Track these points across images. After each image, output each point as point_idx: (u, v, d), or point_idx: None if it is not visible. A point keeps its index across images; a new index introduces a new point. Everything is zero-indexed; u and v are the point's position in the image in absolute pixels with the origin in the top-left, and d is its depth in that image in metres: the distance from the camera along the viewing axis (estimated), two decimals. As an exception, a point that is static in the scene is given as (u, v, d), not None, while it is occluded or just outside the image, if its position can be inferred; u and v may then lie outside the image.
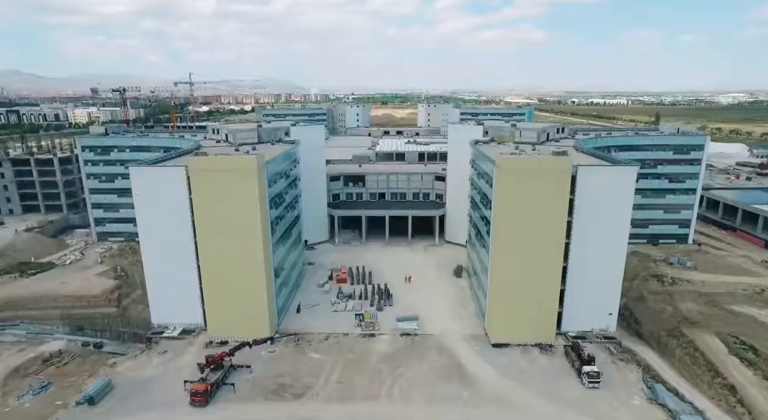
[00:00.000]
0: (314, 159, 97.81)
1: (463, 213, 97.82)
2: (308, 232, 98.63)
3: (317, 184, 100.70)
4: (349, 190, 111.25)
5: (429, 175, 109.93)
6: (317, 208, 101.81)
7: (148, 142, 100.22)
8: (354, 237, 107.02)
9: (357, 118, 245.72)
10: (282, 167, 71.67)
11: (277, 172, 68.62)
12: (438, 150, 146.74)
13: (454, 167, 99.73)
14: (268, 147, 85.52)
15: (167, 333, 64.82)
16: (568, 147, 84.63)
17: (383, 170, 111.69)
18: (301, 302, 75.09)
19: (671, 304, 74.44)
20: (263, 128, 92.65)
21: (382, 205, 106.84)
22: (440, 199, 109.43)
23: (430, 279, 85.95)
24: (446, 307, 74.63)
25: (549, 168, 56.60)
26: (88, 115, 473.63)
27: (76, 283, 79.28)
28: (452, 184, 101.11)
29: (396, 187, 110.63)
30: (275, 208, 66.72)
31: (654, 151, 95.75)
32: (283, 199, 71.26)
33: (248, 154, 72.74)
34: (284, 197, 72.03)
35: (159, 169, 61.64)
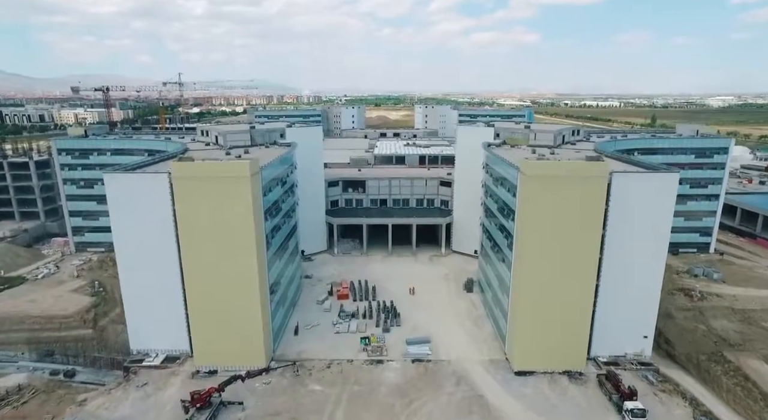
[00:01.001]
0: (311, 163, 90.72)
1: (471, 221, 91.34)
2: (305, 242, 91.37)
3: (315, 190, 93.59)
4: (349, 196, 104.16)
5: (433, 180, 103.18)
6: (314, 216, 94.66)
7: (131, 145, 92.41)
8: (354, 247, 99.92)
9: (352, 119, 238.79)
10: (278, 173, 64.48)
11: (273, 178, 61.43)
12: (440, 153, 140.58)
13: (462, 172, 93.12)
14: (262, 150, 78.28)
15: (148, 361, 57.24)
16: (587, 150, 78.43)
17: (384, 175, 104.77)
18: (299, 322, 67.84)
19: (703, 322, 68.22)
20: (256, 130, 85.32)
21: (384, 213, 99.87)
22: (446, 206, 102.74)
23: (439, 294, 79.07)
24: (459, 328, 67.77)
25: (583, 174, 50.00)
26: (74, 116, 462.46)
27: (47, 301, 71.35)
28: (460, 190, 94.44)
29: (398, 193, 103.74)
30: (271, 218, 59.52)
31: (674, 154, 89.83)
32: (279, 208, 64.05)
33: (240, 158, 65.57)
34: (281, 206, 64.83)
35: (138, 177, 54.17)
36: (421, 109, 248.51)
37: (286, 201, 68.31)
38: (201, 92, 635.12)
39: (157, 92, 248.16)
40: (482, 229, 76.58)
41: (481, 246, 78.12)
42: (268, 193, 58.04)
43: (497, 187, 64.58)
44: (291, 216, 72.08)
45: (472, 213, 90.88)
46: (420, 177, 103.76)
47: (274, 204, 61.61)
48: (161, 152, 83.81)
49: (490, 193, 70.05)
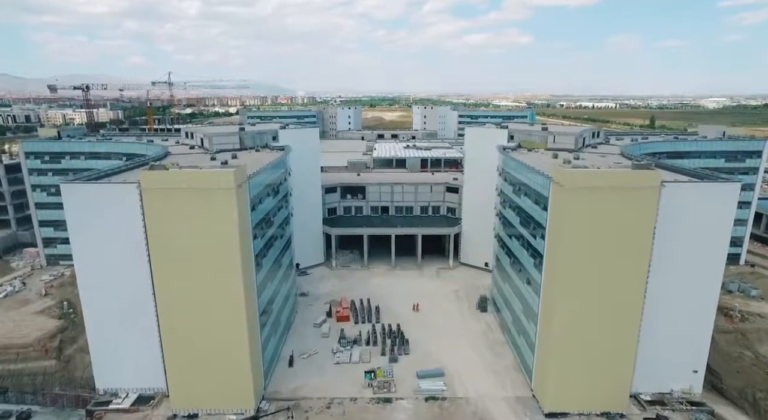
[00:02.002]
0: (307, 168, 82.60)
1: (482, 231, 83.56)
2: (300, 254, 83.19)
3: (311, 197, 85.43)
4: (348, 203, 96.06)
5: (439, 186, 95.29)
6: (311, 226, 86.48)
7: (108, 148, 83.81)
8: (354, 259, 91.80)
9: (349, 120, 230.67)
10: (270, 181, 56.26)
11: (264, 187, 53.23)
12: (442, 155, 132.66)
13: (471, 177, 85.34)
14: (252, 155, 70.20)
15: (116, 403, 48.77)
16: (613, 154, 70.94)
17: (386, 180, 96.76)
18: (294, 351, 59.63)
19: (748, 347, 60.94)
20: (246, 132, 77.10)
21: (386, 222, 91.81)
22: (452, 213, 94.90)
23: (449, 314, 71.15)
24: (476, 356, 59.86)
25: (632, 184, 42.19)
26: (62, 117, 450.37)
27: (5, 325, 62.70)
28: (469, 197, 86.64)
29: (401, 200, 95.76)
30: (261, 235, 51.32)
31: (703, 158, 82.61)
32: (271, 222, 55.82)
33: (225, 164, 57.32)
34: (272, 219, 56.60)
35: (101, 187, 45.73)
36: (419, 110, 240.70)
37: (279, 212, 60.13)
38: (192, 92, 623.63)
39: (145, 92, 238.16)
40: (497, 241, 68.78)
41: (496, 259, 70.31)
42: (257, 206, 49.83)
43: (519, 196, 56.74)
44: (284, 229, 63.91)
45: (482, 222, 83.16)
46: (425, 182, 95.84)
47: (265, 218, 53.40)
48: (141, 156, 75.63)
49: (508, 202, 62.25)
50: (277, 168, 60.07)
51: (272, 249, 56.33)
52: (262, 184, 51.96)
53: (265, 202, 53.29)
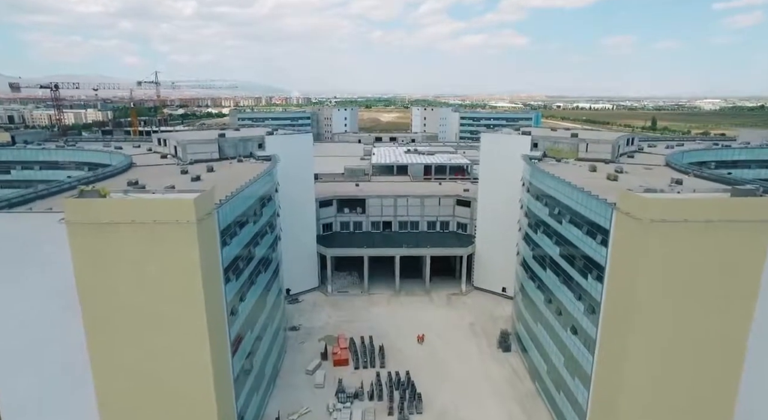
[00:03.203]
0: (299, 179, 71.63)
1: (499, 251, 73.04)
2: (291, 278, 72.35)
3: (303, 213, 74.34)
4: (345, 217, 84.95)
5: (449, 199, 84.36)
6: (303, 245, 75.34)
7: (66, 157, 72.30)
8: (352, 282, 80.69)
9: (345, 122, 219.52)
10: (250, 204, 45.01)
11: (242, 214, 42.02)
12: (447, 162, 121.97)
13: (487, 189, 74.59)
14: (233, 167, 59.17)
15: None
16: (658, 166, 60.44)
17: (389, 192, 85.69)
18: (281, 411, 48.46)
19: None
20: (227, 139, 65.95)
21: (389, 240, 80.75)
22: (463, 230, 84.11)
23: (466, 354, 60.19)
24: (503, 415, 48.92)
25: (735, 217, 31.31)
26: (49, 117, 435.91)
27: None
28: (484, 212, 75.84)
29: (406, 215, 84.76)
30: (237, 275, 40.14)
31: (754, 168, 72.27)
32: (251, 255, 44.59)
33: (197, 180, 46.21)
34: (254, 251, 45.36)
35: (15, 218, 34.36)
36: (419, 112, 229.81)
37: (263, 240, 48.90)
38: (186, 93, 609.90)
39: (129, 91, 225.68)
40: (523, 268, 57.99)
41: (520, 288, 59.52)
42: (231, 239, 38.63)
43: (559, 221, 45.83)
44: (271, 257, 52.68)
45: (500, 241, 72.68)
46: (432, 195, 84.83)
47: (243, 252, 42.17)
48: (104, 166, 64.53)
49: (540, 225, 51.38)
50: (261, 185, 48.83)
51: (254, 288, 45.13)
52: (239, 210, 40.75)
53: (244, 231, 42.08)
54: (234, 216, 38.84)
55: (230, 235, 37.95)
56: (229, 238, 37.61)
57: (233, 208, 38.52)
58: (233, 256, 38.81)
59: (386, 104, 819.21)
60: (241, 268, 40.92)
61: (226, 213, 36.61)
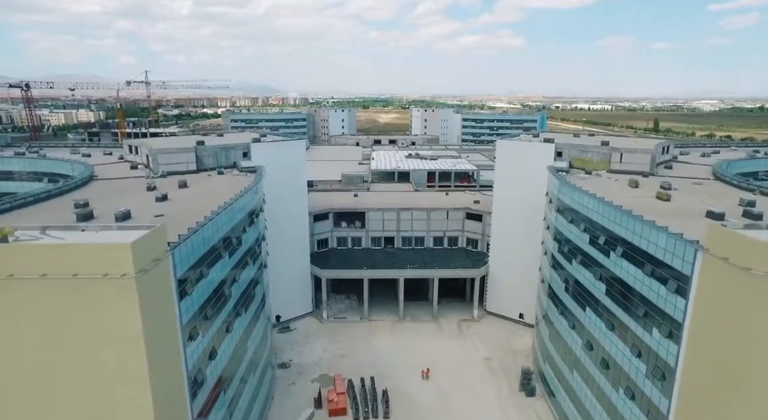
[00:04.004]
0: (290, 191, 63.10)
1: (516, 272, 64.84)
2: (281, 302, 64.08)
3: (295, 229, 65.65)
4: (342, 232, 76.32)
5: (458, 212, 75.87)
6: (295, 265, 66.69)
7: (22, 166, 63.25)
8: (351, 306, 72.03)
9: (342, 124, 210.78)
10: (225, 234, 36.15)
11: (211, 250, 33.15)
12: (452, 168, 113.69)
13: (503, 202, 66.15)
14: (212, 181, 50.59)
15: None
16: (707, 180, 52.05)
17: (391, 204, 77.08)
18: (263, 484, 39.86)
19: None
20: (207, 147, 57.25)
21: (391, 258, 72.22)
22: (473, 246, 75.69)
23: (484, 400, 51.59)
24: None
25: None
26: (38, 118, 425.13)
27: None
28: (500, 228, 67.36)
29: (410, 229, 76.21)
30: (204, 332, 31.34)
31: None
32: (226, 297, 35.76)
33: (164, 200, 37.61)
34: (230, 292, 36.56)
35: None
36: (419, 113, 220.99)
37: (243, 274, 40.14)
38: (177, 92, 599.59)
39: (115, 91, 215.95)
40: (550, 298, 49.46)
41: (546, 321, 50.99)
42: (195, 286, 29.80)
43: (607, 254, 37.24)
44: (254, 292, 43.92)
45: (517, 261, 64.46)
46: (439, 207, 76.31)
47: (216, 295, 33.39)
48: (65, 177, 55.83)
49: (574, 252, 42.89)
50: (241, 208, 40.00)
51: (230, 335, 36.36)
52: (208, 246, 31.95)
53: (215, 270, 33.24)
54: (199, 255, 30.09)
55: (193, 281, 29.17)
56: (191, 285, 28.85)
57: (197, 247, 29.78)
58: (198, 307, 30.05)
59: (384, 104, 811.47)
60: (211, 316, 32.15)
61: (186, 255, 27.89)
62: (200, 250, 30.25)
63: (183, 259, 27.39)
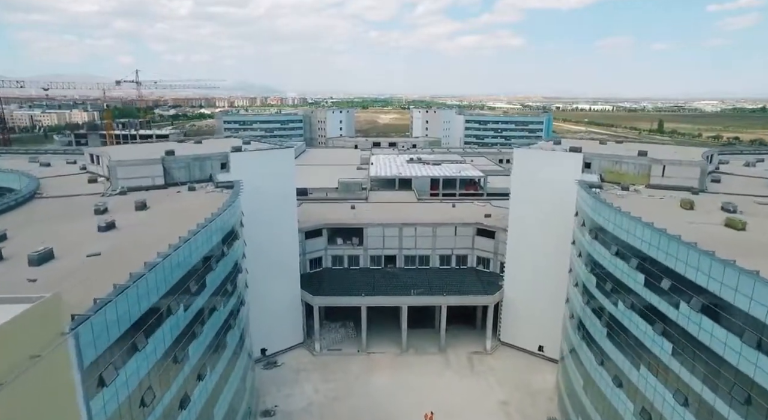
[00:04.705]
0: (277, 207, 54.84)
1: (535, 298, 56.83)
2: (267, 333, 56.14)
3: (282, 249, 57.36)
4: (338, 250, 68.04)
5: (467, 228, 67.63)
6: (282, 291, 58.42)
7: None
8: (347, 335, 63.75)
9: (340, 125, 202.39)
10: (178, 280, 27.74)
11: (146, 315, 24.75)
12: (456, 174, 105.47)
13: (521, 219, 57.86)
14: (180, 200, 42.24)
15: None
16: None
17: (392, 219, 68.79)
18: None
19: None
20: (177, 158, 48.92)
21: (392, 281, 63.98)
22: (484, 266, 67.53)
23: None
24: None
25: None
26: (30, 118, 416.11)
27: None
28: (517, 248, 59.09)
29: (413, 247, 67.94)
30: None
31: None
32: (175, 371, 27.34)
33: (109, 229, 29.33)
34: (185, 356, 28.14)
35: None
36: (420, 115, 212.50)
37: (206, 327, 31.68)
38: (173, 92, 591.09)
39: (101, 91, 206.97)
40: (586, 344, 41.20)
41: (576, 360, 42.78)
42: (118, 372, 21.34)
43: (675, 306, 28.96)
44: (225, 341, 35.60)
45: (536, 285, 56.47)
46: (446, 223, 68.04)
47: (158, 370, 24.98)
48: (10, 191, 47.42)
49: (618, 290, 34.69)
50: (204, 244, 31.50)
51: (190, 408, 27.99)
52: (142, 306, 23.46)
53: (159, 336, 24.81)
54: (126, 326, 21.64)
55: (116, 364, 20.74)
56: (114, 368, 20.44)
57: (123, 315, 21.30)
58: (126, 396, 21.61)
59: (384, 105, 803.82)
60: (150, 402, 23.67)
61: (101, 331, 19.49)
62: (129, 316, 21.84)
63: (97, 337, 19.05)
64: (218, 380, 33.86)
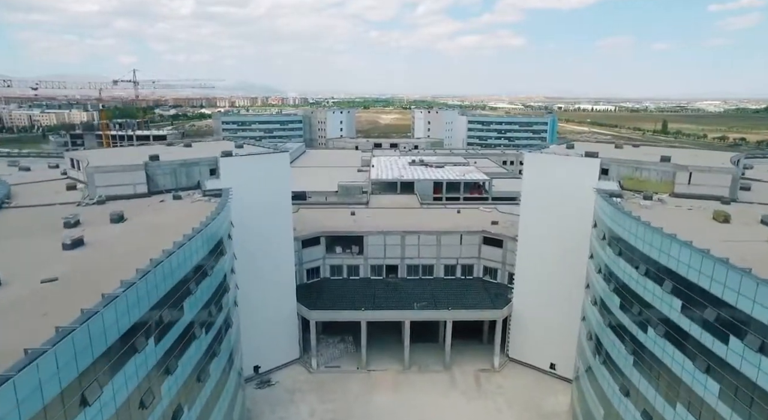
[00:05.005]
0: (271, 215, 51.19)
1: (545, 313, 53.17)
2: (260, 349, 52.57)
3: (277, 260, 53.68)
4: (336, 260, 64.31)
5: (473, 236, 63.88)
6: (276, 304, 54.74)
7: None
8: (346, 350, 60.02)
9: (340, 126, 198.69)
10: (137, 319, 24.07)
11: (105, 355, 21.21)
12: (460, 177, 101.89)
13: (531, 228, 54.09)
14: (162, 211, 38.60)
15: None
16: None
17: (394, 227, 65.05)
18: None
19: None
20: (161, 164, 45.23)
21: (394, 292, 60.28)
22: (492, 276, 63.80)
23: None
24: None
25: None
26: (28, 118, 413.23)
27: None
28: (527, 258, 55.32)
29: (416, 256, 64.22)
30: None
31: None
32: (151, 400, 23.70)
33: (76, 247, 25.64)
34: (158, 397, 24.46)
35: None
36: (422, 115, 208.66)
37: (186, 355, 28.05)
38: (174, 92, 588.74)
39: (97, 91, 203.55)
40: (607, 368, 37.49)
41: (602, 398, 39.01)
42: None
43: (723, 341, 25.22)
44: (208, 370, 31.92)
45: (548, 300, 53.00)
46: (451, 230, 64.30)
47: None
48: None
49: (645, 313, 30.96)
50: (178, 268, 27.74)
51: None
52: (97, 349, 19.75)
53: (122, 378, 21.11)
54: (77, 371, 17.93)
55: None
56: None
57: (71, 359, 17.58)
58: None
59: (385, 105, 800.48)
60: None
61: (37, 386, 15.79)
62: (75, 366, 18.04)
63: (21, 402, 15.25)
64: (201, 413, 30.19)
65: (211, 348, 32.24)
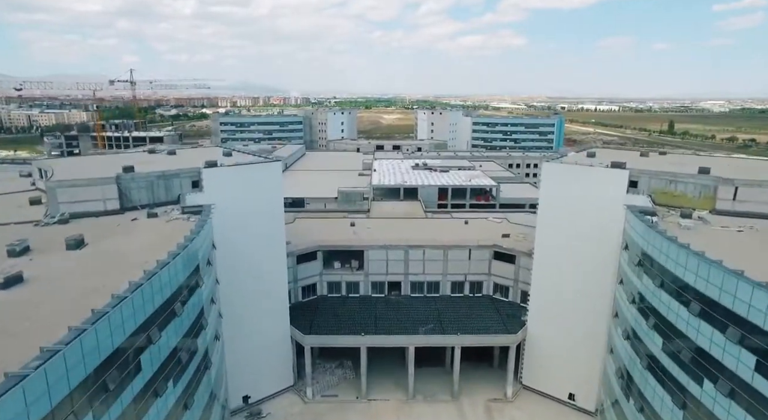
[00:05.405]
0: (261, 230, 46.26)
1: (564, 338, 48.06)
2: (250, 378, 47.67)
3: (268, 279, 48.62)
4: (335, 276, 59.22)
5: (482, 251, 58.71)
6: (268, 328, 49.69)
7: None
8: (344, 377, 54.93)
9: (341, 127, 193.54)
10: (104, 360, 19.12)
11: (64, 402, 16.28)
12: (466, 183, 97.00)
13: (549, 245, 48.84)
14: (135, 229, 33.84)
15: None
16: None
17: (397, 240, 59.82)
18: None
19: None
20: (136, 176, 40.19)
21: (397, 312, 55.20)
22: (503, 294, 58.72)
23: None
24: None
25: None
26: (27, 118, 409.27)
27: None
28: (544, 278, 50.10)
29: (421, 273, 59.14)
30: None
31: None
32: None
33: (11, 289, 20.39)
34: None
35: None
36: (425, 116, 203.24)
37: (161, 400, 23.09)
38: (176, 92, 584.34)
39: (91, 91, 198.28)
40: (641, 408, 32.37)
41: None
42: None
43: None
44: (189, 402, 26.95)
45: (567, 324, 47.94)
46: (458, 245, 59.10)
47: None
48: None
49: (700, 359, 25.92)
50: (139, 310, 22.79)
51: None
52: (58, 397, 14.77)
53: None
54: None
55: None
56: None
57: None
58: None
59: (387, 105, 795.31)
60: None
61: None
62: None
63: None
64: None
65: (182, 400, 27.21)
